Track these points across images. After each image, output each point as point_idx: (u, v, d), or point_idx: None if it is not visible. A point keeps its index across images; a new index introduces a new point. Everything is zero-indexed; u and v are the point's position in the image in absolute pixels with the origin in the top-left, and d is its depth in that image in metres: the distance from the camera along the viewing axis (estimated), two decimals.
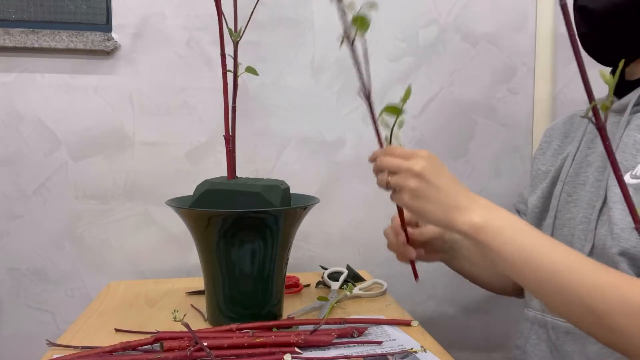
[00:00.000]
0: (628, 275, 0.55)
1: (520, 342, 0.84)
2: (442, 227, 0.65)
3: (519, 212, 0.94)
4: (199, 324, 0.81)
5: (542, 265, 0.57)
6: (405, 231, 0.78)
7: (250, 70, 0.84)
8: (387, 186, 0.67)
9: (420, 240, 0.81)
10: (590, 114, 0.30)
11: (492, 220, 0.61)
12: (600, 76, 0.31)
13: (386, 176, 0.67)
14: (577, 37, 0.31)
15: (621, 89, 0.75)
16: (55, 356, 0.68)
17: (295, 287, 0.99)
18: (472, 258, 0.89)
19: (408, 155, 0.66)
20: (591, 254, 0.71)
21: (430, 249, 0.84)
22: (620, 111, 0.73)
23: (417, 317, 0.82)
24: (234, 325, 0.73)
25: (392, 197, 0.68)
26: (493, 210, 0.62)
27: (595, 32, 0.74)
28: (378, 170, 0.69)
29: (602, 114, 0.30)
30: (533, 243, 0.59)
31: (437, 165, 0.65)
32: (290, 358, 0.64)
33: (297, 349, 0.66)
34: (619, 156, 0.69)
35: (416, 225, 0.83)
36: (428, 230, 0.82)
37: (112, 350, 0.66)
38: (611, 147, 0.30)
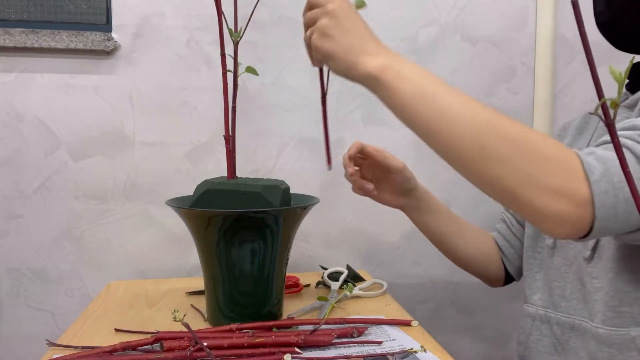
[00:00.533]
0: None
1: (522, 337, 0.84)
2: (347, 72, 0.63)
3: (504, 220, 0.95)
4: (199, 324, 0.81)
5: (437, 99, 0.57)
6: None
7: (250, 70, 0.85)
8: (308, 43, 0.67)
9: (379, 158, 0.86)
10: (600, 111, 0.30)
11: (396, 63, 0.61)
12: (610, 73, 0.31)
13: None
14: (586, 34, 0.30)
15: (636, 83, 0.75)
16: (55, 356, 0.68)
17: (295, 287, 0.99)
18: (438, 213, 0.90)
19: (324, 1, 0.65)
20: (594, 249, 0.71)
21: (391, 187, 0.88)
22: (632, 106, 0.73)
23: (417, 317, 0.82)
24: (234, 325, 0.73)
25: (308, 52, 0.68)
26: (398, 56, 0.62)
27: (611, 11, 0.73)
28: (306, 30, 0.68)
29: (611, 112, 0.29)
30: (432, 82, 0.59)
31: (350, 9, 0.65)
32: (290, 358, 0.64)
33: (297, 349, 0.66)
34: None
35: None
36: (389, 156, 0.86)
37: (112, 350, 0.66)
38: (620, 144, 0.30)
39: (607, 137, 0.58)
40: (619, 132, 0.58)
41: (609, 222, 0.52)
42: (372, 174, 0.90)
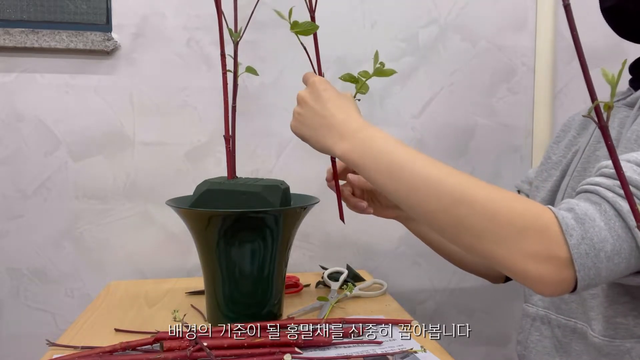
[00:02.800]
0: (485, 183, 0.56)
1: (521, 337, 0.84)
2: (322, 151, 0.69)
3: (519, 192, 0.93)
4: (199, 324, 0.81)
5: (404, 175, 0.59)
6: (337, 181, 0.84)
7: (250, 70, 0.85)
8: None
9: (362, 185, 0.87)
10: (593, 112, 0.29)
11: (363, 143, 0.63)
12: (602, 75, 0.31)
13: None
14: (579, 38, 0.30)
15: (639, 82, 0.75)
16: (55, 356, 0.68)
17: (295, 287, 0.99)
18: None
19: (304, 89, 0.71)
20: None
21: (381, 200, 0.89)
22: (632, 105, 0.72)
23: (417, 317, 0.82)
24: (233, 325, 0.73)
25: None
26: (367, 129, 0.64)
27: None
28: None
29: (604, 114, 0.29)
30: (398, 156, 0.61)
31: (318, 90, 0.69)
32: (290, 358, 0.64)
33: (297, 349, 0.66)
34: (620, 151, 0.68)
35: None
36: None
37: (112, 350, 0.66)
38: (614, 147, 0.30)
39: (596, 179, 0.57)
40: (624, 157, 0.57)
41: (592, 280, 0.52)
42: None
